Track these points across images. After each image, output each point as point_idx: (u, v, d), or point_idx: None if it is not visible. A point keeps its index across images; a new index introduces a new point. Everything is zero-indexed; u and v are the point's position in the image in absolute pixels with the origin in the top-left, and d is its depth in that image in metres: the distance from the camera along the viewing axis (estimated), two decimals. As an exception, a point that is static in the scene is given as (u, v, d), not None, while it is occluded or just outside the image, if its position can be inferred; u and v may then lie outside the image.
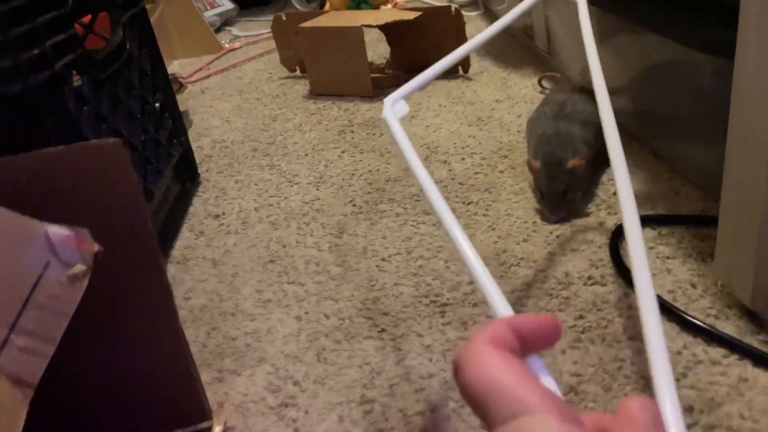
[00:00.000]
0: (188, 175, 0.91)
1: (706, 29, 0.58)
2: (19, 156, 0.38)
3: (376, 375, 0.53)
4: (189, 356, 0.45)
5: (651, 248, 0.62)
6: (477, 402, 0.21)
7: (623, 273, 0.59)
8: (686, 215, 0.66)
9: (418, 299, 0.61)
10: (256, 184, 0.91)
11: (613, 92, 0.86)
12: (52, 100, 0.53)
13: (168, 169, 0.82)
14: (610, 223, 0.67)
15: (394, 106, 0.51)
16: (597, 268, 0.61)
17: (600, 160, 0.73)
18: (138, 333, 0.43)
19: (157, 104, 0.81)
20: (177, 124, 0.88)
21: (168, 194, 0.83)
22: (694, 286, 0.57)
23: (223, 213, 0.84)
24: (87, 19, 0.81)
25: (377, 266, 0.68)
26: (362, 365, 0.54)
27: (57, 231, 0.38)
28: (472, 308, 0.59)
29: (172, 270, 0.73)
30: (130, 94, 0.73)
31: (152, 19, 1.48)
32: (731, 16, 0.53)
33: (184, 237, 0.80)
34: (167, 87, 0.86)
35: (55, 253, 0.37)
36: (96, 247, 0.38)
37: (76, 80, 0.62)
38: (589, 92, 0.66)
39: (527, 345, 0.23)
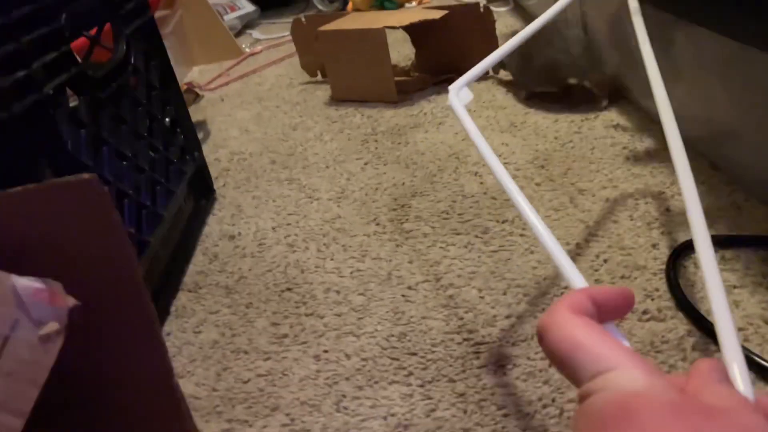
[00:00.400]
0: (203, 191, 0.87)
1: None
2: (-19, 200, 0.33)
3: (404, 429, 0.47)
4: (188, 418, 0.40)
5: (714, 276, 0.55)
6: (563, 362, 0.23)
7: (684, 306, 0.51)
8: (752, 236, 0.58)
9: (450, 336, 0.55)
10: (274, 201, 0.86)
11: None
12: (40, 127, 0.48)
13: (180, 187, 0.77)
14: (664, 245, 0.60)
15: (459, 93, 0.49)
16: (653, 299, 0.54)
17: None
18: (128, 398, 0.37)
19: (167, 120, 0.76)
20: (190, 139, 0.83)
21: (181, 214, 0.78)
22: (767, 321, 0.50)
23: (239, 233, 0.79)
24: (93, 31, 0.76)
25: (403, 296, 0.62)
26: (387, 416, 0.48)
27: (26, 284, 0.32)
28: (511, 347, 0.52)
29: (183, 299, 0.68)
30: (136, 111, 0.68)
31: (170, 26, 1.45)
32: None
33: (198, 261, 0.75)
34: (179, 100, 0.81)
35: (25, 310, 0.32)
36: (71, 302, 0.33)
37: (74, 101, 0.57)
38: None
39: (603, 313, 0.26)
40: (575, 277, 0.31)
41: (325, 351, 0.56)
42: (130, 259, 0.34)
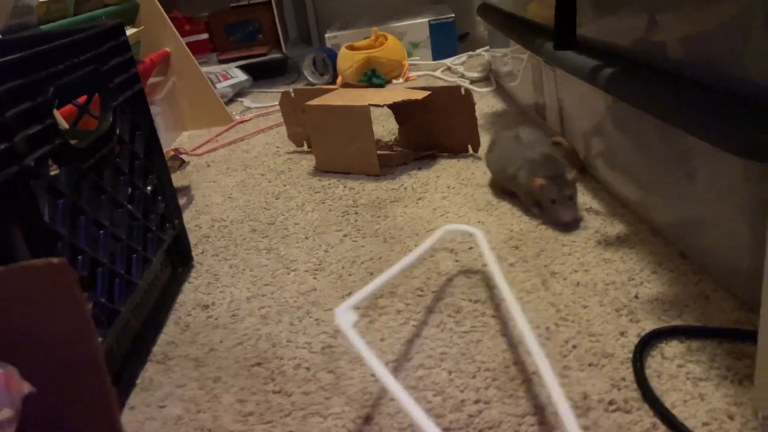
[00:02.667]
0: (180, 259, 0.87)
1: (734, 128, 0.53)
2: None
3: None
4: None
5: (680, 367, 0.55)
6: None
7: (649, 398, 0.52)
8: (719, 328, 0.59)
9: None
10: (251, 270, 0.86)
11: (635, 183, 0.81)
12: (18, 197, 0.49)
13: (157, 255, 0.77)
14: (633, 333, 0.61)
15: (344, 314, 0.55)
16: (619, 389, 0.54)
17: None
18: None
19: (148, 188, 0.77)
20: (170, 206, 0.84)
21: (156, 282, 0.78)
22: (731, 417, 0.50)
23: (213, 303, 0.79)
24: (82, 99, 0.78)
25: (373, 375, 0.61)
26: (348, 505, 0.47)
27: (-17, 368, 0.32)
28: (476, 435, 0.52)
29: (150, 371, 0.67)
30: (118, 180, 0.69)
31: (162, 92, 1.49)
32: (764, 116, 0.48)
33: (169, 330, 0.74)
34: (162, 169, 0.82)
35: (-21, 395, 0.32)
36: (26, 389, 0.32)
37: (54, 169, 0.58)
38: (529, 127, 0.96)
39: None
40: None
41: (290, 432, 0.55)
42: (93, 340, 0.34)
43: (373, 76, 1.75)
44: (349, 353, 0.65)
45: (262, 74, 2.07)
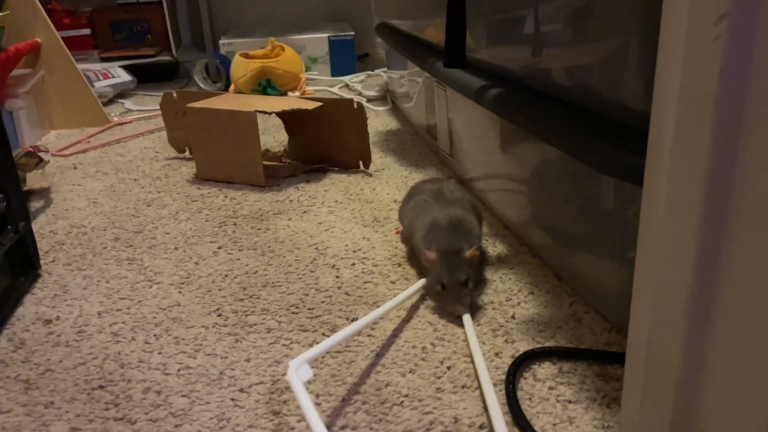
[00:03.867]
0: (23, 267, 0.76)
1: (612, 151, 0.53)
2: None
3: None
4: None
5: (551, 389, 0.54)
6: None
7: (519, 421, 0.50)
8: (589, 349, 0.59)
9: (275, 449, 0.49)
10: (107, 282, 0.77)
11: (516, 205, 0.81)
12: None
13: (-9, 261, 0.67)
14: (507, 354, 0.59)
15: (298, 369, 0.49)
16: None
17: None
18: None
19: (-16, 183, 0.67)
20: (14, 207, 0.74)
21: (-12, 292, 0.67)
22: (599, 440, 0.49)
23: (58, 317, 0.69)
24: None
25: (232, 399, 0.55)
26: None
27: None
28: (339, 464, 0.47)
29: (-33, 395, 0.57)
30: (-60, 170, 0.59)
31: (28, 86, 1.35)
32: (637, 140, 0.48)
33: (0, 348, 0.64)
34: (6, 163, 0.72)
35: None
36: None
37: None
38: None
39: None
40: None
41: (128, 465, 0.48)
42: None
43: (268, 87, 1.70)
44: (209, 374, 0.59)
45: (149, 77, 1.95)
